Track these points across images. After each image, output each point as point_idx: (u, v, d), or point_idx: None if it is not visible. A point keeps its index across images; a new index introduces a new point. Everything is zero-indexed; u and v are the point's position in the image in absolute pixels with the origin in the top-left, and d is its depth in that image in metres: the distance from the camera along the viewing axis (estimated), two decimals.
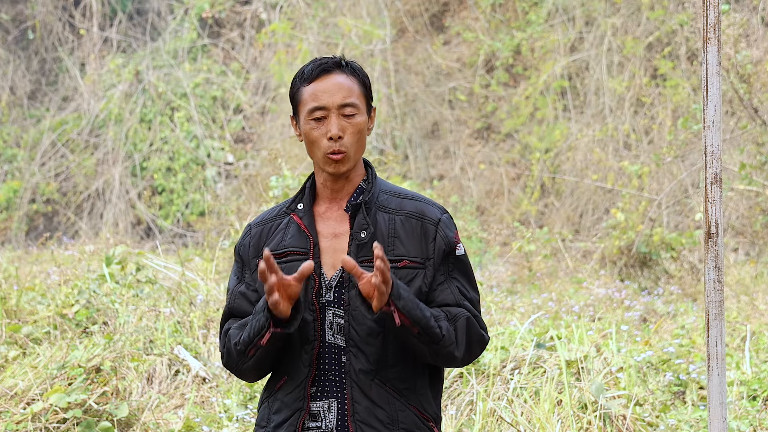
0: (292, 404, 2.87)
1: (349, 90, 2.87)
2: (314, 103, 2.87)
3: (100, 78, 17.84)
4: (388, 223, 2.89)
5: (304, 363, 2.85)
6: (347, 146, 2.86)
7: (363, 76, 2.92)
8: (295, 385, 2.87)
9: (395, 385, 2.85)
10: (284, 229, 2.95)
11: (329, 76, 2.88)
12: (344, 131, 2.86)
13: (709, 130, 3.14)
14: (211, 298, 7.49)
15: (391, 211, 2.91)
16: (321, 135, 2.86)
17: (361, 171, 2.96)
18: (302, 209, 2.93)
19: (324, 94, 2.86)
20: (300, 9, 17.25)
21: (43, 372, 5.98)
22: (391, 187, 2.98)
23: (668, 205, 11.94)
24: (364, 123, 2.90)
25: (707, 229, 3.14)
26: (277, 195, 8.09)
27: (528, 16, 16.15)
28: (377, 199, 2.92)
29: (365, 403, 2.83)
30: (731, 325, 7.78)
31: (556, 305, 8.73)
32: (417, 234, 2.88)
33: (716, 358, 3.13)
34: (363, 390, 2.83)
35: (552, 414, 5.56)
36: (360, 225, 2.88)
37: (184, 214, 16.58)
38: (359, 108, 2.88)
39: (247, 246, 2.99)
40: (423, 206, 2.92)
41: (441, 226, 2.90)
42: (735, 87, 10.02)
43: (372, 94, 2.97)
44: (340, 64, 2.91)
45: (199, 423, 5.90)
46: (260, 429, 2.94)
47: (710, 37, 3.13)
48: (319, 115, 2.87)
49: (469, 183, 15.38)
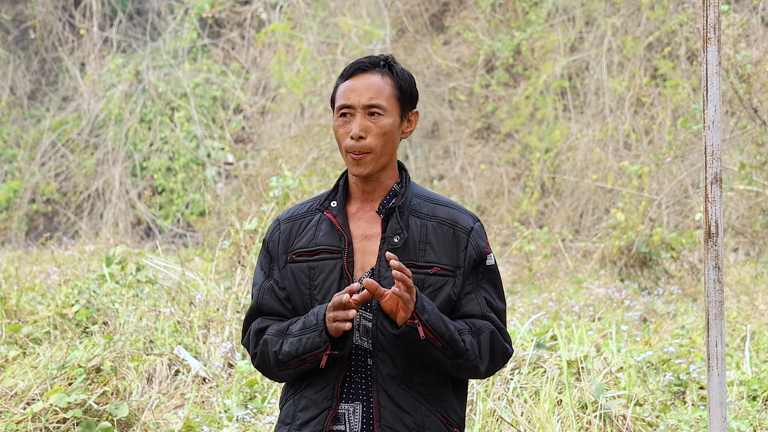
0: (320, 403, 2.83)
1: (379, 91, 2.83)
2: (342, 101, 2.85)
3: (100, 78, 17.84)
4: (420, 228, 2.85)
5: (336, 363, 2.81)
6: (370, 147, 2.81)
7: (401, 78, 2.87)
8: (324, 384, 2.83)
9: (420, 390, 2.82)
10: (316, 226, 2.90)
11: (363, 76, 2.85)
12: (367, 132, 2.82)
13: (709, 130, 3.13)
14: (211, 298, 7.48)
15: (424, 216, 2.86)
16: (345, 133, 2.84)
17: (394, 174, 2.90)
18: (336, 207, 2.89)
19: (353, 92, 2.83)
20: (300, 9, 17.25)
21: (43, 372, 5.98)
22: (424, 192, 2.93)
23: (668, 205, 11.94)
24: (392, 125, 2.84)
25: (707, 229, 3.14)
26: (278, 195, 8.08)
27: (528, 16, 16.15)
28: (410, 203, 2.87)
29: (392, 408, 2.80)
30: (731, 325, 7.78)
31: (556, 305, 8.73)
32: (449, 241, 2.85)
33: (716, 358, 3.13)
34: (390, 395, 2.80)
35: (552, 414, 5.56)
36: (393, 229, 2.83)
37: (184, 214, 16.58)
38: (386, 109, 2.83)
39: (277, 242, 2.94)
40: (456, 213, 2.88)
41: (473, 235, 2.86)
42: (735, 87, 10.02)
43: (413, 97, 2.90)
44: (378, 64, 2.87)
45: (199, 423, 5.90)
46: (284, 426, 2.89)
47: (710, 37, 3.13)
48: (345, 113, 2.84)
49: (469, 183, 15.38)
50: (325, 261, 2.84)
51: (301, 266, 2.88)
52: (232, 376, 6.64)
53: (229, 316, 7.17)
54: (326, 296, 2.82)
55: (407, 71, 2.91)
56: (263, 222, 7.98)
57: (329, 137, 10.59)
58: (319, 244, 2.87)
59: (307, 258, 2.86)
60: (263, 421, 5.96)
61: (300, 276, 2.87)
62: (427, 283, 2.81)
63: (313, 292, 2.85)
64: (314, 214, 2.93)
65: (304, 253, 2.87)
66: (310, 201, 2.98)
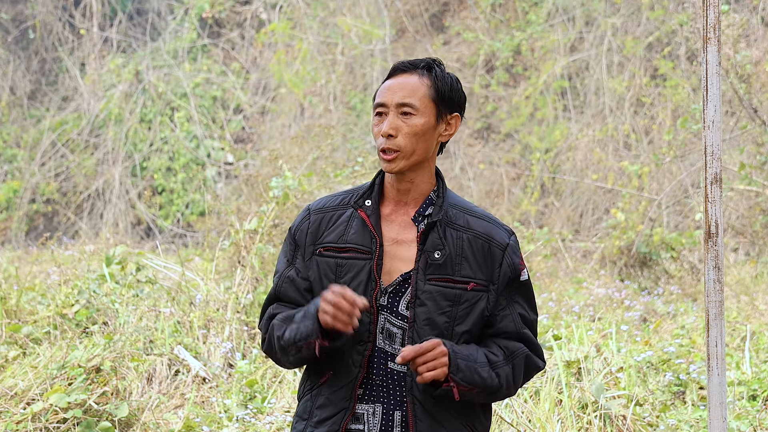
0: (338, 402, 2.83)
1: (412, 90, 2.82)
2: (378, 99, 2.86)
3: (100, 78, 17.84)
4: (456, 242, 2.84)
5: (355, 363, 2.82)
6: (400, 146, 2.80)
7: (440, 80, 2.84)
8: (342, 383, 2.83)
9: (453, 404, 2.83)
10: (347, 222, 2.88)
11: (401, 76, 2.85)
12: (398, 131, 2.81)
13: (709, 130, 3.13)
14: (211, 298, 7.48)
15: (460, 228, 2.85)
16: (378, 131, 2.84)
17: (430, 179, 2.89)
18: (370, 206, 2.87)
19: (387, 91, 2.84)
20: (300, 9, 17.25)
21: (43, 372, 5.98)
22: (459, 201, 2.91)
23: (668, 205, 11.94)
24: (424, 125, 2.82)
25: (707, 229, 3.14)
26: (278, 195, 8.08)
27: (528, 16, 16.15)
28: (446, 213, 2.86)
29: (428, 421, 2.81)
30: (731, 325, 7.78)
31: (556, 305, 8.73)
32: (484, 256, 2.84)
33: (716, 358, 3.13)
34: (426, 408, 2.81)
35: (552, 414, 5.56)
36: (434, 245, 2.82)
37: (184, 214, 16.58)
38: (418, 109, 2.82)
39: (305, 232, 2.92)
40: (491, 228, 2.87)
41: (508, 252, 2.86)
42: (735, 87, 10.02)
43: (453, 101, 2.87)
44: (418, 65, 2.86)
45: (199, 423, 5.90)
46: (301, 421, 2.90)
47: (710, 37, 3.13)
48: (380, 111, 2.85)
49: (469, 183, 15.38)
50: (354, 260, 2.84)
51: (328, 261, 2.86)
52: (232, 376, 6.64)
53: (229, 316, 7.17)
54: None
55: (452, 75, 2.89)
56: (263, 222, 7.98)
57: (330, 137, 10.59)
58: (348, 242, 2.85)
59: (335, 254, 2.85)
60: (263, 421, 5.96)
61: (326, 270, 2.86)
62: (464, 299, 2.81)
63: None
64: (346, 209, 2.90)
65: (332, 249, 2.86)
66: (343, 194, 2.95)
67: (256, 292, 7.54)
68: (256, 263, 7.69)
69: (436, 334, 2.78)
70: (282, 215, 8.12)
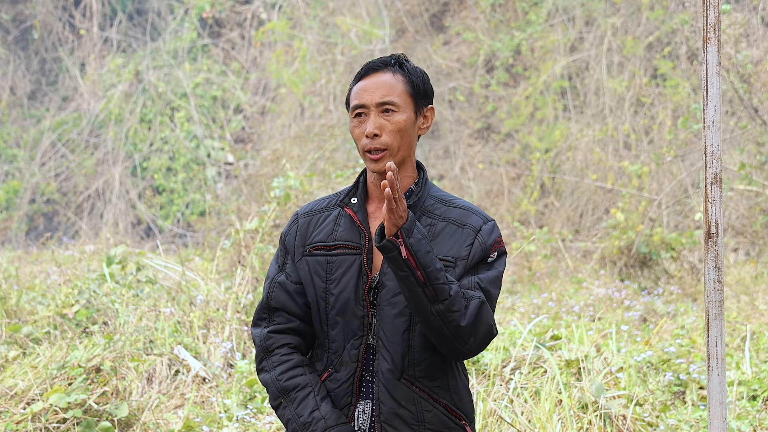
0: (341, 399, 2.87)
1: (390, 88, 2.85)
2: (356, 101, 2.88)
3: (100, 78, 17.84)
4: (429, 228, 2.86)
5: (352, 358, 2.85)
6: (387, 144, 2.84)
7: (413, 74, 2.89)
8: (341, 380, 2.86)
9: (424, 383, 2.83)
10: (335, 221, 2.93)
11: (374, 75, 2.88)
12: (382, 129, 2.84)
13: (709, 130, 3.13)
14: (211, 298, 7.48)
15: (435, 217, 2.87)
16: (361, 133, 2.86)
17: (413, 173, 2.93)
18: (356, 204, 2.92)
19: (365, 92, 2.86)
20: (299, 9, 17.25)
21: (43, 372, 5.98)
22: (440, 194, 2.94)
23: (668, 205, 11.93)
24: (407, 121, 2.86)
25: (707, 229, 3.14)
26: (279, 195, 8.08)
27: (528, 16, 16.15)
28: (423, 203, 2.89)
29: (390, 404, 2.82)
30: (731, 325, 7.78)
31: (556, 305, 8.74)
32: (455, 238, 2.84)
33: (716, 358, 3.13)
34: (389, 390, 2.82)
35: (552, 414, 5.56)
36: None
37: (184, 214, 16.58)
38: (399, 106, 2.85)
39: (293, 235, 2.96)
40: (468, 215, 2.88)
41: (482, 234, 2.85)
42: (735, 87, 10.02)
43: (426, 93, 2.92)
44: (389, 63, 2.89)
45: (199, 423, 5.90)
46: None
47: (710, 37, 3.13)
48: (360, 113, 2.87)
49: (469, 183, 15.38)
50: (344, 256, 2.87)
51: (318, 260, 2.90)
52: (232, 376, 6.64)
53: (229, 316, 7.17)
54: (343, 290, 2.85)
55: (419, 68, 2.93)
56: (264, 222, 7.98)
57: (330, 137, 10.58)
58: (338, 239, 2.90)
59: (326, 252, 2.89)
60: (263, 421, 5.96)
61: (317, 269, 2.90)
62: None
63: (329, 285, 2.88)
64: (333, 209, 2.96)
65: (322, 247, 2.90)
66: (329, 197, 3.01)
67: (256, 292, 7.54)
68: (256, 263, 7.70)
69: (396, 314, 2.79)
70: (283, 215, 8.12)
